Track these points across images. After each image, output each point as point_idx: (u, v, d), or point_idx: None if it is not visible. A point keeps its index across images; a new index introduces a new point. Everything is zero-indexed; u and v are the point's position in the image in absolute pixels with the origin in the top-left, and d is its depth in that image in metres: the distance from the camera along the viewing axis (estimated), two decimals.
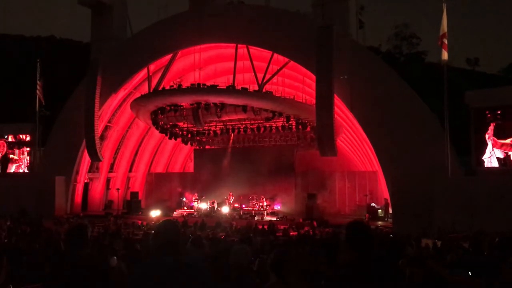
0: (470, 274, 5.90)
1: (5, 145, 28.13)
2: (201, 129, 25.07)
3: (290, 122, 22.76)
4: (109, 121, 26.74)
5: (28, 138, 27.59)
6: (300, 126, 22.76)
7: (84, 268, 3.69)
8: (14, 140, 27.97)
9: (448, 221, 15.09)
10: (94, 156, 25.26)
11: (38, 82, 26.10)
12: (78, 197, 27.15)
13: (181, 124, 25.31)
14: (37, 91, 26.03)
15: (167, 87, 22.72)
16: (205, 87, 21.36)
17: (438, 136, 18.12)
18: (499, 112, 16.95)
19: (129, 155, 29.57)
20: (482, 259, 6.38)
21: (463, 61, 68.61)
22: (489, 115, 17.09)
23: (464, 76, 50.63)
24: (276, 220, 21.61)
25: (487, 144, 17.05)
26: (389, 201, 20.39)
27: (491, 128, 16.96)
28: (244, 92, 21.20)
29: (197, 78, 23.50)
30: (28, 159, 27.54)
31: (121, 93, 25.81)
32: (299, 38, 20.63)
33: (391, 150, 19.02)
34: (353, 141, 24.49)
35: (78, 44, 70.14)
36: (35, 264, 5.85)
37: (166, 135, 26.25)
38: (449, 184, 16.94)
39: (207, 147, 29.60)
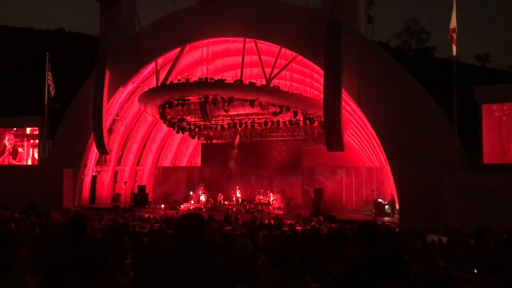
0: (476, 271, 5.88)
1: (14, 137, 28.36)
2: (208, 124, 25.10)
3: (298, 117, 22.70)
4: (117, 115, 26.83)
5: (36, 131, 27.77)
6: (307, 121, 22.69)
7: (86, 261, 3.66)
8: (22, 132, 28.17)
9: (456, 218, 15.03)
10: (102, 149, 25.40)
11: (48, 73, 26.13)
12: (86, 190, 27.33)
13: (188, 118, 25.32)
14: (49, 81, 26.06)
15: (175, 81, 22.75)
16: (213, 81, 21.37)
17: (446, 132, 18.01)
18: (505, 108, 16.76)
19: (137, 148, 29.68)
20: (489, 256, 6.36)
21: (473, 57, 68.14)
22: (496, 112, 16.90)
23: (474, 72, 50.28)
24: (283, 214, 21.62)
25: None
26: (395, 197, 20.34)
27: None
28: (252, 86, 21.18)
29: (204, 73, 23.53)
30: (36, 151, 27.72)
31: (129, 87, 25.88)
32: (307, 33, 20.54)
33: (398, 145, 18.93)
34: (361, 137, 24.42)
35: (87, 38, 70.48)
36: (41, 256, 5.91)
37: (174, 129, 26.31)
38: (457, 180, 16.83)
39: (214, 141, 29.65)
